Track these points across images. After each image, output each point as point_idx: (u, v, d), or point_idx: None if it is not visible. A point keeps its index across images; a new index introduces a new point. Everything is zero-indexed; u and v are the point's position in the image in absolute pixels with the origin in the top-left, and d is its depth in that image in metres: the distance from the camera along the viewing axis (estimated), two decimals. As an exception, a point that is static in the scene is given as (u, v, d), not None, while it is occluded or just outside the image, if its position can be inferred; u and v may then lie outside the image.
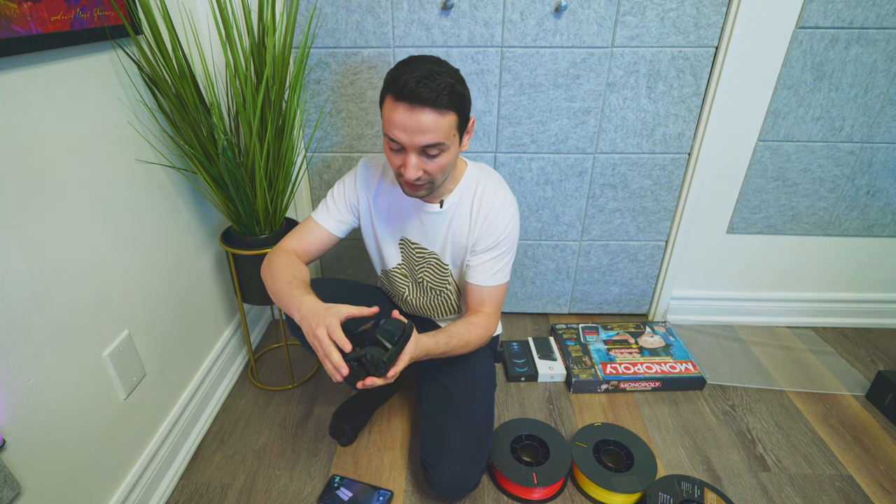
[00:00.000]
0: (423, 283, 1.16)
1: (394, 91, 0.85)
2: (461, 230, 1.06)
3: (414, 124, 0.84)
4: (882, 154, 1.43)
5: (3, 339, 0.72)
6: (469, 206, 1.05)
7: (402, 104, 0.84)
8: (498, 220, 1.03)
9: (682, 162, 1.46)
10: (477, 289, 1.07)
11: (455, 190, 1.04)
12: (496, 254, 1.05)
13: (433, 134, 0.85)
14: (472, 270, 1.07)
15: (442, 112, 0.85)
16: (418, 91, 0.82)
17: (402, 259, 1.15)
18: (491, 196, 1.04)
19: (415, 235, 1.10)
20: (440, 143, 0.87)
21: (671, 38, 1.29)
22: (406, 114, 0.84)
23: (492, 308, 1.08)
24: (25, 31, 0.73)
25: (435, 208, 1.05)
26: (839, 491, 1.12)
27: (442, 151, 0.89)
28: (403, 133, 0.86)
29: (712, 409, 1.35)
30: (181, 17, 1.14)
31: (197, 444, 1.23)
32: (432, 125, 0.85)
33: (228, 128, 1.22)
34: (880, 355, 1.55)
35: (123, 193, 0.98)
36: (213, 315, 1.36)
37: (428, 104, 0.83)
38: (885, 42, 1.28)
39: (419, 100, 0.83)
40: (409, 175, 0.89)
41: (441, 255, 1.10)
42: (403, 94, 0.83)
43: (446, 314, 1.20)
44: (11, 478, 0.72)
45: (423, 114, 0.84)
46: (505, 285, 1.09)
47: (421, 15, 1.28)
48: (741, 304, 1.68)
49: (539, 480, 1.07)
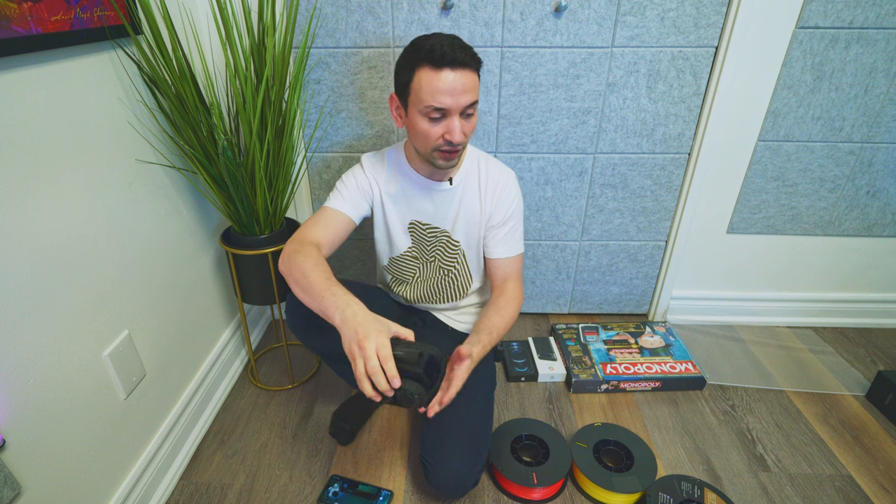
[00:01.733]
0: (434, 262, 1.17)
1: (431, 61, 0.89)
2: (472, 205, 1.11)
3: (460, 86, 0.90)
4: (882, 154, 1.43)
5: (3, 340, 0.72)
6: (476, 182, 1.10)
7: (444, 70, 0.89)
8: (507, 193, 1.10)
9: (681, 162, 1.46)
10: (502, 262, 1.13)
11: (461, 167, 1.09)
12: (511, 225, 1.12)
13: (474, 91, 0.93)
14: (494, 245, 1.13)
15: (473, 71, 0.92)
16: (457, 55, 0.88)
17: (413, 242, 1.16)
18: (495, 171, 1.11)
19: (425, 216, 1.13)
20: (476, 100, 0.94)
21: (671, 38, 1.29)
22: (451, 77, 0.89)
23: (516, 279, 1.14)
24: (25, 31, 0.73)
25: (446, 185, 1.09)
26: (839, 491, 1.12)
27: (475, 109, 0.96)
28: (450, 97, 0.90)
29: (712, 409, 1.35)
30: (181, 17, 1.14)
31: (197, 444, 1.23)
32: (473, 84, 0.92)
33: (228, 128, 1.22)
34: (880, 355, 1.56)
35: (123, 193, 0.97)
36: (213, 315, 1.36)
37: (467, 65, 0.90)
38: (885, 42, 1.28)
39: (460, 62, 0.89)
40: (457, 137, 0.94)
41: (452, 231, 1.13)
42: (446, 61, 0.88)
43: (448, 299, 1.21)
44: (11, 478, 0.72)
45: (464, 74, 0.90)
46: (522, 255, 1.16)
47: (421, 15, 1.28)
48: (741, 304, 1.68)
49: (539, 480, 1.07)
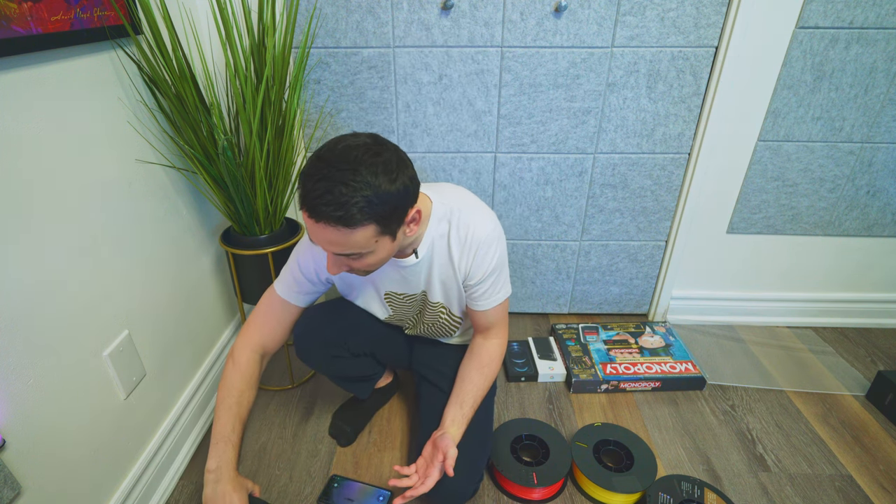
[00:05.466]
0: (417, 318, 1.13)
1: (299, 197, 0.76)
2: (446, 270, 0.99)
3: (321, 237, 0.77)
4: (882, 154, 1.43)
5: (3, 339, 0.72)
6: (446, 246, 0.96)
7: (306, 216, 0.75)
8: (484, 252, 0.95)
9: (681, 162, 1.46)
10: (482, 314, 1.03)
11: (426, 234, 0.94)
12: (493, 279, 0.99)
13: (344, 247, 0.77)
14: (475, 300, 1.02)
15: (351, 229, 0.74)
16: (318, 209, 0.72)
17: (392, 311, 1.11)
18: (468, 229, 0.94)
19: (399, 287, 1.04)
20: (356, 252, 0.79)
21: (671, 38, 1.29)
22: (312, 227, 0.76)
23: (500, 326, 1.06)
24: (25, 31, 0.73)
25: (411, 261, 0.96)
26: (839, 491, 1.12)
27: (363, 255, 0.80)
28: (315, 239, 0.78)
29: (712, 409, 1.35)
30: (181, 17, 1.14)
31: (197, 444, 1.23)
32: (340, 240, 0.76)
33: (228, 128, 1.22)
34: (880, 355, 1.55)
35: (123, 193, 0.97)
36: (213, 315, 1.36)
37: (331, 223, 0.73)
38: (885, 42, 1.28)
39: (321, 217, 0.73)
40: (330, 271, 0.84)
41: (429, 294, 1.05)
42: (306, 207, 0.74)
43: (447, 335, 1.19)
44: (11, 478, 0.72)
45: (327, 230, 0.74)
46: (508, 299, 1.04)
47: (421, 15, 1.28)
48: (741, 304, 1.68)
49: (539, 480, 1.07)
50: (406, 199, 0.79)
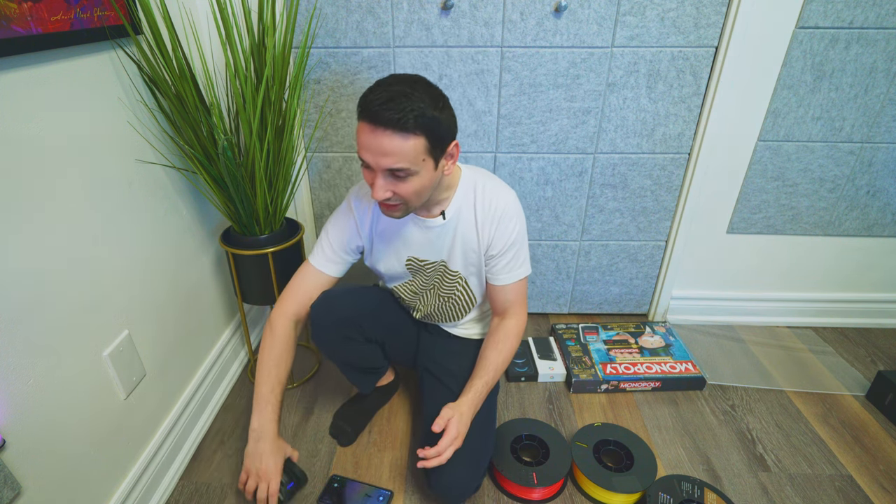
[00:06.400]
0: (433, 292, 1.15)
1: (360, 109, 0.84)
2: (469, 236, 1.04)
3: (376, 146, 0.82)
4: (882, 154, 1.43)
5: (3, 339, 0.72)
6: (472, 212, 1.02)
7: (365, 124, 0.83)
8: (506, 223, 1.02)
9: (681, 162, 1.46)
10: (501, 289, 1.07)
11: (454, 198, 1.02)
12: (514, 251, 1.04)
13: (395, 157, 0.83)
14: (495, 274, 1.06)
15: (405, 136, 0.81)
16: (380, 113, 0.80)
17: (412, 276, 1.13)
18: (492, 198, 1.02)
19: (422, 252, 1.08)
20: (405, 167, 0.84)
21: (671, 38, 1.29)
22: (369, 135, 0.82)
23: (518, 305, 1.09)
24: (25, 31, 0.73)
25: (438, 221, 1.03)
26: (839, 491, 1.12)
27: (410, 175, 0.86)
28: (369, 153, 0.84)
29: (712, 409, 1.35)
30: (181, 17, 1.14)
31: (197, 444, 1.23)
32: (394, 149, 0.82)
33: (228, 128, 1.22)
34: (880, 355, 1.55)
35: (123, 193, 0.98)
36: (213, 315, 1.36)
37: (390, 126, 0.80)
38: (885, 42, 1.28)
39: (380, 121, 0.80)
40: (376, 195, 0.88)
41: (449, 262, 1.08)
42: (367, 115, 0.82)
43: (453, 319, 1.20)
44: (11, 478, 0.72)
45: (384, 136, 0.81)
46: (527, 277, 1.09)
47: (421, 15, 1.28)
48: (741, 304, 1.68)
49: (539, 480, 1.07)
50: (450, 128, 0.89)
